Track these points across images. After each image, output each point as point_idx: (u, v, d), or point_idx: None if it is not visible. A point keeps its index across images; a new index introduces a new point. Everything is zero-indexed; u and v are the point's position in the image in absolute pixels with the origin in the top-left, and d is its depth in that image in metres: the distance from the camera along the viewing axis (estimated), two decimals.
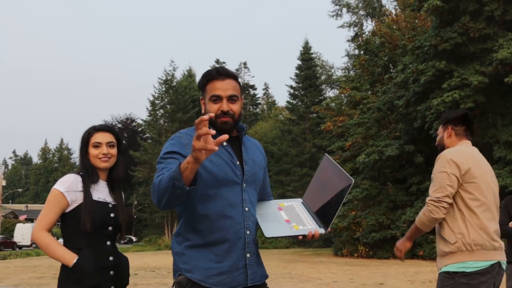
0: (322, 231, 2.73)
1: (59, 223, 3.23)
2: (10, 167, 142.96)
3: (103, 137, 3.25)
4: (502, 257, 3.75)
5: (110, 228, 3.15)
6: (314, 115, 56.47)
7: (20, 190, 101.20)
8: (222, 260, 2.68)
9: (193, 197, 2.65)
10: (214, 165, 2.71)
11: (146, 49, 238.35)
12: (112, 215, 3.17)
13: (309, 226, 2.75)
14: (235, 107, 2.79)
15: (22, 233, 55.23)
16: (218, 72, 2.79)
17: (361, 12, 59.87)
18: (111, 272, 3.11)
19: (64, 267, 3.06)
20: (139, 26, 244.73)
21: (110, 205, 3.19)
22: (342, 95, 43.08)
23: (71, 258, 3.01)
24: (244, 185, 2.78)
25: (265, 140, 63.73)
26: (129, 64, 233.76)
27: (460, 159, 3.76)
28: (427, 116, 27.51)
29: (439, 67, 27.12)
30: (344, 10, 60.46)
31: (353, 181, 2.71)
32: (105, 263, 3.09)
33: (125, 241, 73.11)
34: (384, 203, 31.66)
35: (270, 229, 2.72)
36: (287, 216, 2.83)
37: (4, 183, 65.80)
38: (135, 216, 78.64)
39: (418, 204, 29.18)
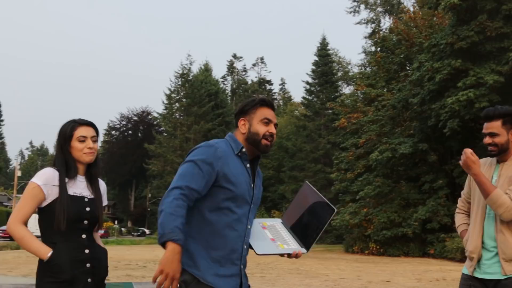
0: (304, 251, 3.09)
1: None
2: (26, 157, 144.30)
3: (87, 131, 3.25)
4: None
5: (85, 222, 3.16)
6: (330, 111, 56.26)
7: None
8: (223, 265, 2.93)
9: (204, 204, 2.92)
10: (238, 182, 2.96)
11: (162, 45, 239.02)
12: (87, 209, 3.18)
13: (292, 245, 3.09)
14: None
15: (34, 223, 55.75)
16: (270, 102, 3.15)
17: (379, 9, 59.70)
18: (88, 265, 3.13)
19: (40, 261, 3.08)
20: (155, 21, 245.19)
21: (86, 199, 3.20)
22: (358, 92, 42.97)
23: (46, 252, 3.03)
24: (252, 205, 3.07)
25: (280, 135, 63.68)
26: (146, 59, 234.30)
27: None
28: (442, 114, 27.39)
29: (454, 66, 26.98)
30: (362, 6, 60.32)
31: (336, 210, 3.07)
32: (80, 256, 3.10)
33: (138, 233, 73.55)
34: (396, 201, 31.55)
35: (260, 247, 3.03)
36: (271, 235, 3.15)
37: (20, 173, 66.34)
38: (148, 209, 79.03)
39: (430, 202, 29.09)
